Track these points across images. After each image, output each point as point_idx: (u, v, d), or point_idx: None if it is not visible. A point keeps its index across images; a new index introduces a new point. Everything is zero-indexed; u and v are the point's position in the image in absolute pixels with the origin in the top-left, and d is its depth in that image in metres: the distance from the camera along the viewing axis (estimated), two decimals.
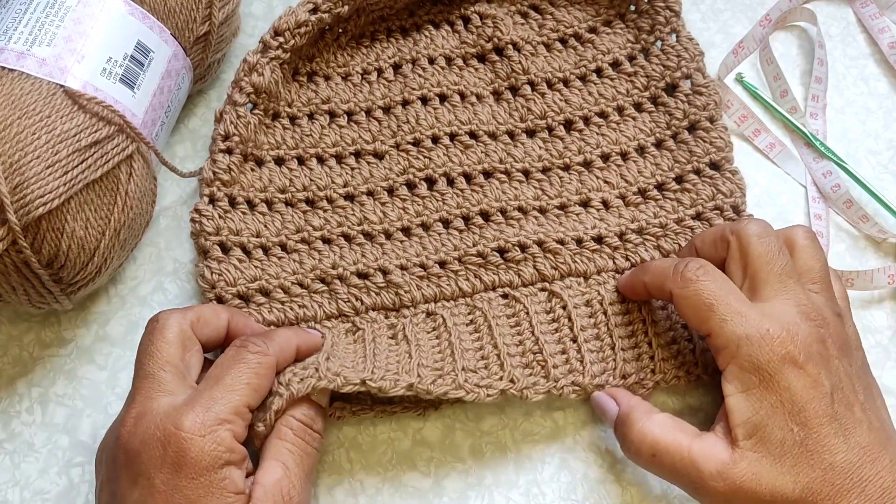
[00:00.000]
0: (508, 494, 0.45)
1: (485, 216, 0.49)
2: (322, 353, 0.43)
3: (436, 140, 0.51)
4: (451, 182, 0.50)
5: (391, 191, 0.50)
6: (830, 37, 0.56)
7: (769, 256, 0.40)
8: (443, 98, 0.52)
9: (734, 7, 0.57)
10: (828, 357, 0.39)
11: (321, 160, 0.50)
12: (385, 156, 0.50)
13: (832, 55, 0.56)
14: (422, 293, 0.47)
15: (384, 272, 0.48)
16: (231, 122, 0.48)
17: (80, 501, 0.45)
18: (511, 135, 0.51)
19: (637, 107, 0.52)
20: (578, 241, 0.49)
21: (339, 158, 0.50)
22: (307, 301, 0.47)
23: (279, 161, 0.50)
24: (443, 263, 0.48)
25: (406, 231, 0.49)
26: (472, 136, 0.51)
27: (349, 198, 0.50)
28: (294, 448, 0.40)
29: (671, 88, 0.52)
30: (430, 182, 0.50)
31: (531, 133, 0.51)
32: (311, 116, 0.51)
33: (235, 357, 0.40)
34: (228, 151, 0.48)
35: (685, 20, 0.53)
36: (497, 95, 0.52)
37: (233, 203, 0.48)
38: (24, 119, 0.41)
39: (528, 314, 0.46)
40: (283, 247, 0.48)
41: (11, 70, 0.42)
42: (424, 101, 0.51)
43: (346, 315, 0.47)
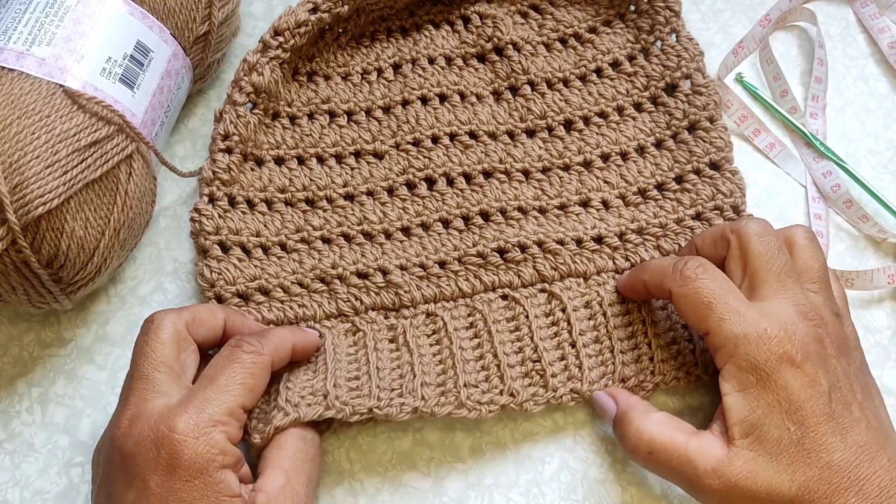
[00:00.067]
0: (508, 494, 0.45)
1: (485, 216, 0.49)
2: (330, 377, 0.43)
3: (436, 140, 0.51)
4: (451, 182, 0.50)
5: (391, 191, 0.50)
6: (830, 37, 0.56)
7: (769, 255, 0.40)
8: (443, 98, 0.52)
9: (734, 7, 0.57)
10: (825, 356, 0.39)
11: (321, 160, 0.50)
12: (385, 156, 0.50)
13: (832, 55, 0.56)
14: (421, 293, 0.47)
15: (384, 272, 0.48)
16: (231, 122, 0.48)
17: (80, 501, 0.45)
18: (511, 135, 0.51)
19: (637, 107, 0.52)
20: (578, 242, 0.49)
21: (339, 158, 0.50)
22: (307, 300, 0.47)
23: (279, 161, 0.50)
24: (442, 263, 0.48)
25: (406, 231, 0.49)
26: (472, 136, 0.51)
27: (349, 198, 0.50)
28: (296, 454, 0.40)
29: (671, 88, 0.52)
30: (430, 182, 0.50)
31: (531, 133, 0.51)
32: (311, 116, 0.51)
33: (230, 357, 0.40)
34: (228, 151, 0.48)
35: (685, 20, 0.53)
36: (497, 95, 0.52)
37: (232, 202, 0.49)
38: (24, 119, 0.41)
39: (528, 318, 0.46)
40: (283, 246, 0.48)
41: (11, 70, 0.42)
42: (424, 101, 0.51)
43: (346, 315, 0.47)
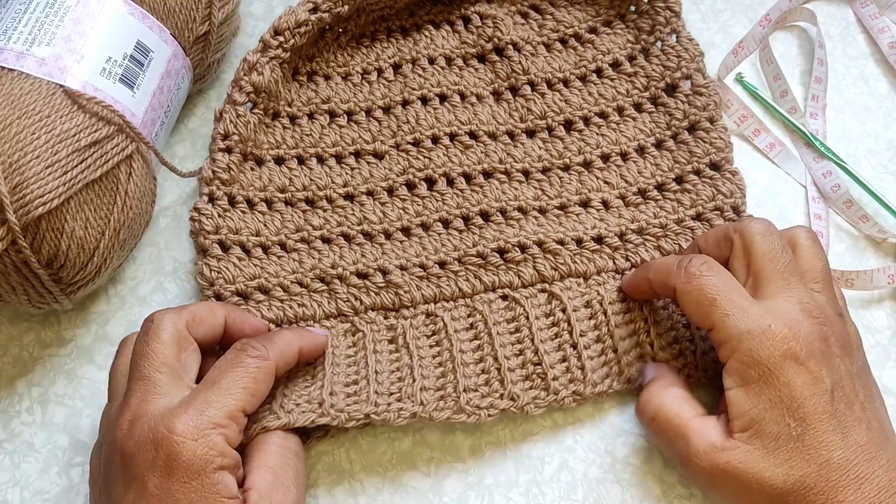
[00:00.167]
0: (508, 494, 0.45)
1: (484, 216, 0.49)
2: (327, 385, 0.43)
3: (436, 140, 0.50)
4: (451, 182, 0.50)
5: (391, 191, 0.50)
6: (830, 37, 0.56)
7: (772, 254, 0.40)
8: (443, 98, 0.52)
9: (734, 7, 0.57)
10: (830, 355, 0.39)
11: (321, 160, 0.50)
12: (385, 156, 0.50)
13: (832, 55, 0.56)
14: (421, 293, 0.47)
15: (384, 272, 0.48)
16: (231, 122, 0.48)
17: (80, 501, 0.45)
18: (511, 135, 0.51)
19: (637, 107, 0.52)
20: (578, 242, 0.49)
21: (339, 158, 0.50)
22: (306, 300, 0.47)
23: (279, 160, 0.50)
24: (442, 264, 0.48)
25: (406, 231, 0.49)
26: (472, 137, 0.51)
27: (349, 197, 0.50)
28: (279, 451, 0.40)
29: (671, 89, 0.52)
30: (430, 182, 0.50)
31: (531, 133, 0.51)
32: (311, 116, 0.51)
33: (234, 360, 0.40)
34: (228, 150, 0.48)
35: (685, 20, 0.53)
36: (497, 96, 0.52)
37: (232, 202, 0.48)
38: (24, 119, 0.41)
39: (529, 319, 0.46)
40: (283, 246, 0.48)
41: (11, 70, 0.42)
42: (424, 102, 0.51)
43: (346, 315, 0.47)
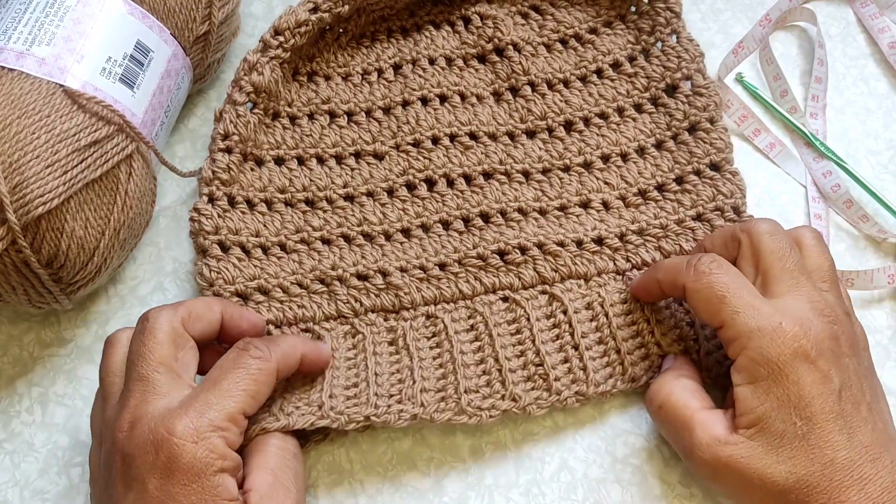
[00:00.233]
0: (508, 494, 0.45)
1: (485, 218, 0.49)
2: (326, 388, 0.43)
3: (436, 141, 0.50)
4: (451, 183, 0.50)
5: (391, 192, 0.50)
6: (830, 37, 0.56)
7: (781, 253, 0.41)
8: (443, 99, 0.52)
9: (734, 7, 0.57)
10: (839, 354, 0.39)
11: (321, 160, 0.50)
12: (385, 156, 0.50)
13: (832, 55, 0.56)
14: (421, 295, 0.47)
15: (384, 274, 0.47)
16: (231, 122, 0.48)
17: (80, 501, 0.45)
18: (511, 136, 0.51)
19: (637, 108, 0.52)
20: (579, 243, 0.48)
21: (339, 159, 0.50)
22: (306, 301, 0.47)
23: (279, 161, 0.50)
24: (443, 265, 0.48)
25: (406, 232, 0.49)
26: (472, 137, 0.51)
27: (349, 198, 0.49)
28: (278, 453, 0.40)
29: (671, 89, 0.52)
30: (430, 183, 0.50)
31: (531, 134, 0.51)
32: (311, 116, 0.51)
33: (236, 361, 0.39)
34: (228, 151, 0.48)
35: (685, 20, 0.53)
36: (497, 96, 0.52)
37: (232, 202, 0.48)
38: (24, 119, 0.41)
39: (529, 320, 0.46)
40: (283, 247, 0.48)
41: (11, 70, 0.42)
42: (424, 102, 0.51)
43: (345, 316, 0.47)
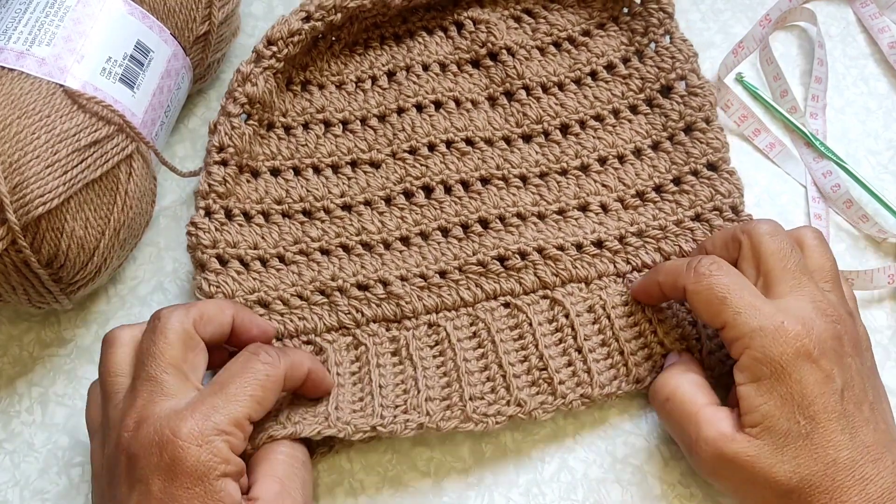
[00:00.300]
0: (508, 494, 0.45)
1: (483, 223, 0.49)
2: (332, 402, 0.43)
3: (432, 148, 0.50)
4: (449, 190, 0.49)
5: (388, 200, 0.49)
6: (830, 37, 0.56)
7: (782, 254, 0.40)
8: (438, 105, 0.51)
9: (734, 7, 0.57)
10: (842, 353, 0.39)
11: (317, 170, 0.50)
12: (381, 164, 0.50)
13: (832, 55, 0.56)
14: (423, 304, 0.47)
15: (384, 283, 0.47)
16: (225, 134, 0.48)
17: (80, 501, 0.45)
18: (507, 140, 0.51)
19: (632, 109, 0.52)
20: (578, 247, 0.48)
21: (336, 168, 0.50)
22: (307, 313, 0.46)
23: (275, 172, 0.49)
24: (443, 273, 0.48)
25: (405, 241, 0.49)
26: (469, 143, 0.50)
27: (346, 208, 0.49)
28: (287, 461, 0.40)
29: (666, 90, 0.51)
30: (428, 190, 0.50)
31: (527, 138, 0.51)
32: (306, 126, 0.51)
33: (245, 365, 0.39)
34: (223, 163, 0.48)
35: (686, 20, 0.53)
36: (492, 101, 0.52)
37: (229, 215, 0.48)
38: (24, 119, 0.41)
39: (532, 325, 0.46)
40: (282, 258, 0.48)
41: (11, 70, 0.42)
42: (420, 109, 0.51)
43: (347, 327, 0.46)
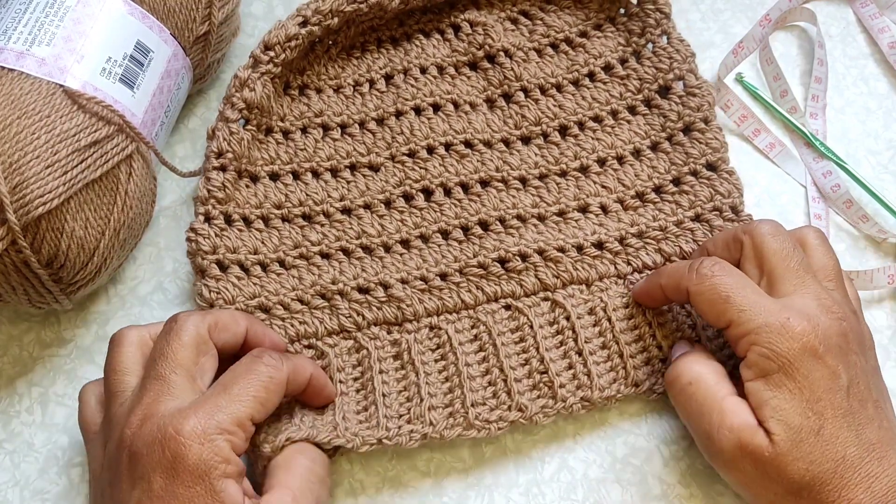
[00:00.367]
0: (508, 494, 0.45)
1: (484, 226, 0.49)
2: (339, 411, 0.43)
3: (431, 150, 0.50)
4: (448, 192, 0.49)
5: (388, 203, 0.49)
6: (830, 37, 0.56)
7: (784, 253, 0.41)
8: (436, 107, 0.51)
9: (734, 7, 0.57)
10: (847, 351, 0.39)
11: (316, 174, 0.50)
12: (381, 168, 0.50)
13: (832, 55, 0.56)
14: (424, 306, 0.47)
15: (385, 286, 0.47)
16: (224, 139, 0.47)
17: (80, 501, 0.45)
18: (506, 142, 0.51)
19: (631, 110, 0.52)
20: (579, 248, 0.48)
21: (335, 172, 0.50)
22: (308, 317, 0.46)
23: (274, 176, 0.49)
24: (444, 275, 0.48)
25: (405, 243, 0.49)
26: (468, 146, 0.50)
27: (346, 211, 0.49)
28: (304, 475, 0.40)
29: (664, 90, 0.51)
30: (427, 193, 0.49)
31: (526, 140, 0.51)
32: (305, 130, 0.50)
33: (248, 367, 0.40)
34: (222, 168, 0.48)
35: (685, 20, 0.53)
36: (491, 103, 0.52)
37: (229, 221, 0.48)
38: (24, 119, 0.41)
39: (533, 328, 0.46)
40: (282, 263, 0.48)
41: (11, 70, 0.42)
42: (418, 112, 0.51)
43: (348, 331, 0.46)
